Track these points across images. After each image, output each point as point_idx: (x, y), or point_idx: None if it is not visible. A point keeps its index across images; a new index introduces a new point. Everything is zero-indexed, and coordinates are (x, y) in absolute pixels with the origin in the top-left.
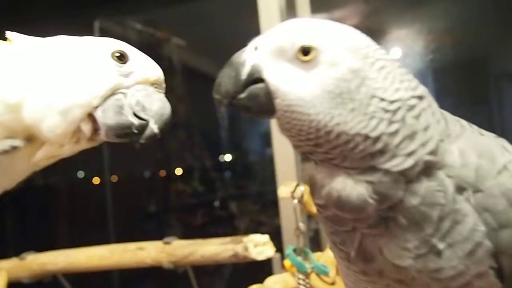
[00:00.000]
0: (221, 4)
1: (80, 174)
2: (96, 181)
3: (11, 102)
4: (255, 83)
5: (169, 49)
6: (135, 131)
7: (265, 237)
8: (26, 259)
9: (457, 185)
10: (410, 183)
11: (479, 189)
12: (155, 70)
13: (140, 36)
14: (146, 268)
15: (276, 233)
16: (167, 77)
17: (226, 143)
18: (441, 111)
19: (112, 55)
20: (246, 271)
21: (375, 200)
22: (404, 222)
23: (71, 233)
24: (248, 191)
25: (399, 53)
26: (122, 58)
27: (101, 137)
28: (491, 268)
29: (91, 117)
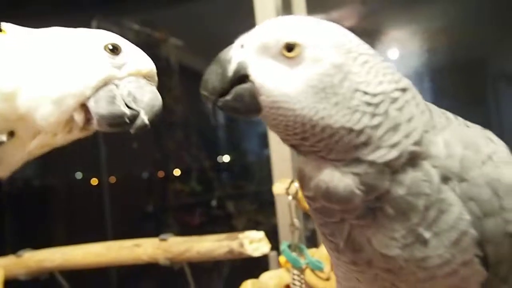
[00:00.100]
0: (218, 5)
1: (78, 175)
2: (94, 182)
3: (6, 91)
4: (241, 79)
5: (167, 49)
6: (127, 121)
7: (260, 234)
8: (23, 256)
9: (442, 175)
10: (396, 173)
11: (464, 179)
12: (147, 63)
13: (138, 36)
14: (143, 265)
15: (273, 232)
16: (164, 77)
17: (224, 143)
18: (426, 103)
19: (105, 47)
20: (243, 269)
21: (361, 191)
22: (391, 212)
23: (68, 234)
24: (246, 191)
25: (397, 54)
26: (115, 50)
27: (93, 127)
28: (476, 256)
29: (83, 107)
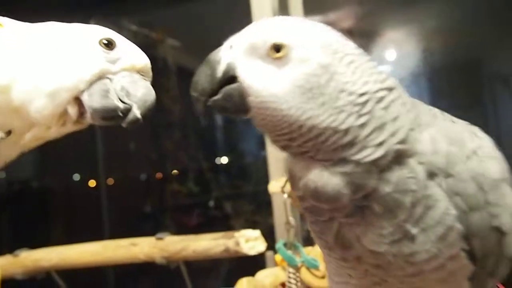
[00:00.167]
0: (215, 6)
1: (76, 177)
2: (92, 183)
3: (1, 84)
4: (230, 80)
5: (164, 50)
6: (120, 115)
7: (256, 232)
8: (20, 255)
9: (428, 171)
10: (383, 172)
11: (450, 174)
12: (141, 58)
13: (135, 37)
14: (140, 265)
15: (270, 233)
16: (162, 78)
17: (221, 144)
18: (412, 101)
19: (100, 41)
20: (239, 268)
21: (349, 190)
22: (379, 209)
23: (66, 235)
24: (243, 191)
25: (394, 55)
26: (109, 45)
27: (87, 120)
28: (463, 250)
29: (77, 101)
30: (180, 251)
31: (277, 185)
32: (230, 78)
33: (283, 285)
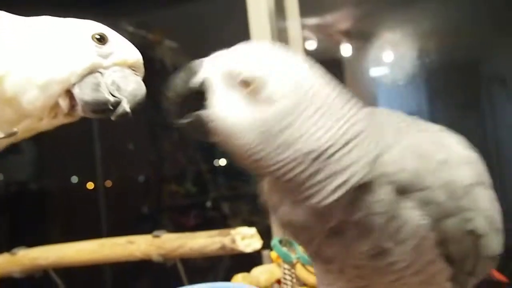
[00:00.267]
0: (212, 7)
1: (74, 179)
2: (90, 186)
3: None
4: (200, 94)
5: (162, 51)
6: (110, 108)
7: (252, 230)
8: (17, 254)
9: (397, 189)
10: (349, 203)
11: (420, 188)
12: (133, 53)
13: (132, 38)
14: (137, 263)
15: (267, 232)
16: (159, 79)
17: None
18: (380, 123)
19: (93, 36)
20: (236, 267)
21: (320, 222)
22: (353, 232)
23: (64, 237)
24: (240, 191)
25: (391, 56)
26: (102, 39)
27: (78, 113)
28: (440, 255)
29: (69, 93)
30: (177, 248)
31: None
32: (201, 92)
33: (278, 281)
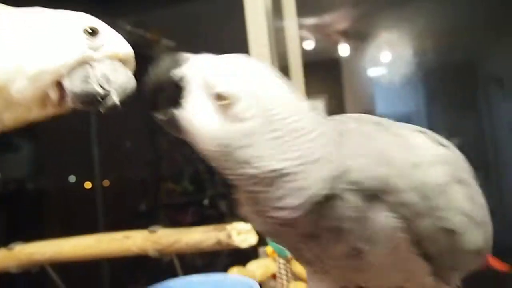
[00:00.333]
0: (210, 7)
1: (72, 178)
2: (88, 185)
3: None
4: (177, 86)
5: (159, 50)
6: (99, 100)
7: (247, 225)
8: (14, 249)
9: (367, 195)
10: (317, 211)
11: (390, 193)
12: (124, 47)
13: (130, 37)
14: (134, 259)
15: None
16: None
17: None
18: (347, 132)
19: (84, 28)
20: (233, 264)
21: (291, 231)
22: (328, 236)
23: (61, 234)
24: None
25: (389, 56)
26: (93, 32)
27: (67, 104)
28: (417, 253)
29: (59, 85)
30: (173, 243)
31: None
32: (178, 86)
33: (274, 276)
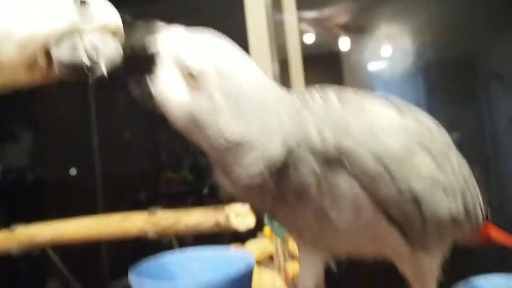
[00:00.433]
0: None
1: (71, 168)
2: (87, 172)
3: None
4: (151, 57)
5: None
6: (86, 70)
7: (246, 208)
8: (16, 230)
9: (326, 160)
10: (277, 173)
11: (347, 158)
12: (115, 19)
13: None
14: (134, 242)
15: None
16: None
17: None
18: (303, 101)
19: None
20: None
21: (257, 194)
22: (295, 200)
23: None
24: None
25: (389, 50)
26: (83, 2)
27: (55, 73)
28: (381, 217)
29: (47, 53)
30: (172, 225)
31: None
32: (151, 55)
33: (271, 257)
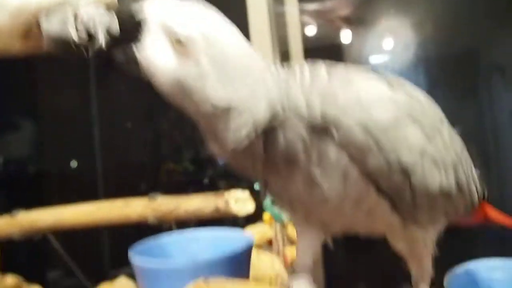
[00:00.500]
0: None
1: (72, 159)
2: (88, 163)
3: None
4: (137, 24)
5: None
6: (74, 46)
7: (245, 193)
8: (17, 216)
9: (310, 128)
10: (266, 135)
11: (335, 128)
12: None
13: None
14: (134, 229)
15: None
16: None
17: None
18: (291, 72)
19: None
20: None
21: (247, 159)
22: (284, 166)
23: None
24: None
25: (391, 43)
26: None
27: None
28: (371, 188)
29: (39, 26)
30: (172, 210)
31: None
32: (137, 21)
33: (270, 242)
